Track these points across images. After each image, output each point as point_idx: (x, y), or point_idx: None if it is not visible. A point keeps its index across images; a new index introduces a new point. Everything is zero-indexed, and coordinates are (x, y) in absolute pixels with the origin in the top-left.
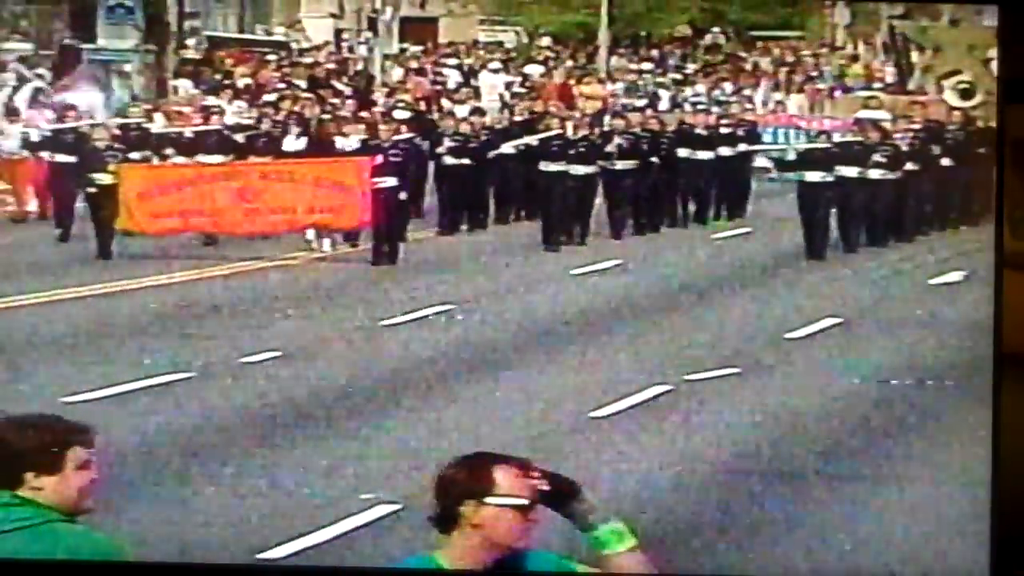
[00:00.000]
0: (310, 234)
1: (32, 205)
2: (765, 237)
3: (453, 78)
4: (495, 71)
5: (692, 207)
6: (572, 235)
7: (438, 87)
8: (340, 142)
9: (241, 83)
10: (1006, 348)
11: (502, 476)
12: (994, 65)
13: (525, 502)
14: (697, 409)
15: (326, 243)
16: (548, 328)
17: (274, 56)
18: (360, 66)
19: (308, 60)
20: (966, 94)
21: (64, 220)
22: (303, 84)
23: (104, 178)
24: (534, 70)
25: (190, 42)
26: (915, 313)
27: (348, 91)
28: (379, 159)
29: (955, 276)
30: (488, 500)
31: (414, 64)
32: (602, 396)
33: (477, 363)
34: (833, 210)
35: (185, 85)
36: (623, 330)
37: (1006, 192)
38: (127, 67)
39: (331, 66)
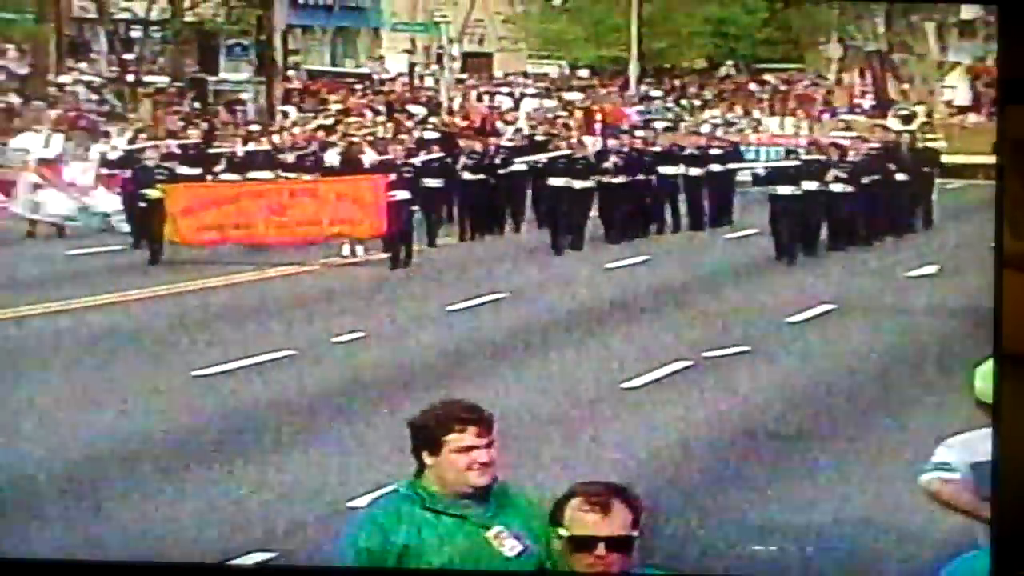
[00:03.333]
0: (346, 248)
1: None
2: (770, 238)
3: (506, 104)
4: (538, 96)
5: (683, 216)
6: (574, 241)
7: (493, 111)
8: (366, 159)
9: (334, 108)
10: (1006, 348)
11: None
12: (946, 92)
13: None
14: (713, 381)
15: (359, 250)
16: (584, 314)
17: (360, 85)
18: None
19: (387, 89)
20: (906, 120)
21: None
22: (383, 108)
23: (153, 193)
24: (574, 96)
25: (292, 74)
26: (896, 299)
27: (421, 113)
28: (393, 176)
29: (930, 269)
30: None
31: (473, 92)
32: (632, 370)
33: (525, 343)
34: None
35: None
36: (650, 314)
37: (1006, 192)
38: (243, 95)
39: (406, 93)
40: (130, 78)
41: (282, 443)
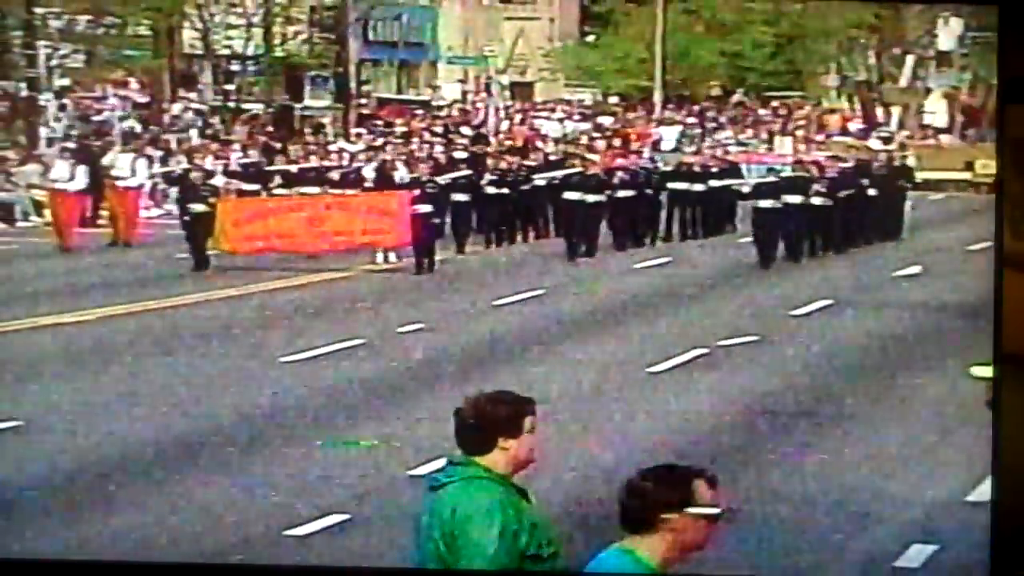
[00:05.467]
0: (380, 255)
1: None
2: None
3: (545, 127)
4: (577, 120)
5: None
6: (588, 248)
7: (534, 132)
8: (397, 176)
9: (399, 131)
10: (1006, 348)
11: (700, 488)
12: (924, 116)
13: (718, 511)
14: (727, 366)
15: (392, 256)
16: (612, 308)
17: (420, 111)
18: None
19: (443, 113)
20: (886, 140)
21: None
22: (440, 130)
23: (199, 207)
24: (605, 120)
25: (364, 101)
26: (886, 295)
27: (472, 135)
28: (417, 191)
29: (914, 270)
30: (688, 510)
31: (518, 116)
32: (656, 356)
33: (561, 332)
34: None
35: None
36: (672, 308)
37: (1006, 192)
38: (324, 120)
39: (459, 118)
40: (231, 105)
41: (359, 418)
